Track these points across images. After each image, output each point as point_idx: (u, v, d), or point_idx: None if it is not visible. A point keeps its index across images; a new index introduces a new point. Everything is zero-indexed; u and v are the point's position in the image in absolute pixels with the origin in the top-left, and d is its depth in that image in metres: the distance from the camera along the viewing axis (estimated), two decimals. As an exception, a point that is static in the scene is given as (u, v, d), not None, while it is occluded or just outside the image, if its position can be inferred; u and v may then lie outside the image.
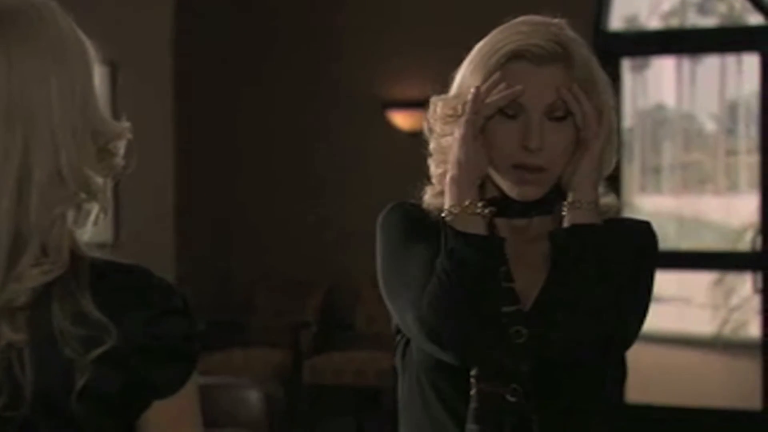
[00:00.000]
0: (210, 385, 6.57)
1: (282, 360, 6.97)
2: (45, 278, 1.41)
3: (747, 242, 6.95)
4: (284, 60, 7.49)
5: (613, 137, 2.09)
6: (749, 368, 7.01)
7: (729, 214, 7.28)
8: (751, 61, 6.99)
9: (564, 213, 2.04)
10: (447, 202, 2.03)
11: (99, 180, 1.47)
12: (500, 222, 2.08)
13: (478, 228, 2.00)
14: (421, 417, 2.10)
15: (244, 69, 7.53)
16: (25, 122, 1.41)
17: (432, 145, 2.11)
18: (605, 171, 2.10)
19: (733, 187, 7.42)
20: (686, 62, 7.39)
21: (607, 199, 2.12)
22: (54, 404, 1.41)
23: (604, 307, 1.97)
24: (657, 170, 7.49)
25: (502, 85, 2.01)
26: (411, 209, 2.11)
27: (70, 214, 1.46)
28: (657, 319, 7.65)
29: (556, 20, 2.08)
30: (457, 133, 2.03)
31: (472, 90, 2.01)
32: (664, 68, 7.47)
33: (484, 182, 2.07)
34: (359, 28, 7.34)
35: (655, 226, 2.13)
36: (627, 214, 7.17)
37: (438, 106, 2.09)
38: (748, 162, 7.20)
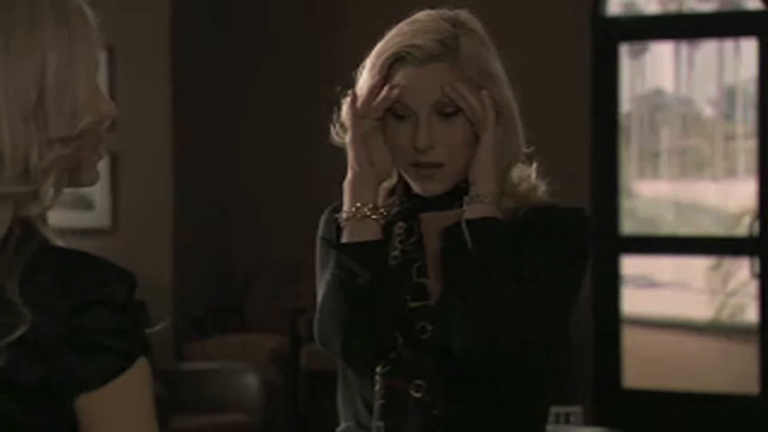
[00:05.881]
0: (208, 370, 6.59)
1: (280, 345, 6.98)
2: None
3: (745, 227, 6.95)
4: (285, 45, 7.47)
5: (513, 127, 2.07)
6: (746, 353, 7.01)
7: (727, 199, 7.26)
8: (750, 46, 6.98)
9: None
10: (344, 206, 2.07)
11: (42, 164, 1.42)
12: (428, 216, 2.08)
13: (368, 232, 2.02)
14: (347, 407, 2.12)
15: (243, 53, 7.51)
16: None
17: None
18: (513, 160, 2.08)
19: (731, 172, 7.40)
20: (684, 47, 7.37)
21: (522, 188, 2.09)
22: None
23: (492, 301, 1.95)
24: (655, 155, 7.47)
25: (385, 89, 2.02)
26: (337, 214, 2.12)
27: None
28: (654, 303, 7.62)
29: (453, 12, 2.07)
30: (347, 136, 2.07)
31: (349, 93, 2.07)
32: (662, 53, 7.45)
33: (401, 179, 2.10)
34: (363, 15, 7.33)
35: (654, 211, 2.11)
36: (625, 199, 7.15)
37: (343, 109, 2.12)
38: (746, 147, 7.19)
